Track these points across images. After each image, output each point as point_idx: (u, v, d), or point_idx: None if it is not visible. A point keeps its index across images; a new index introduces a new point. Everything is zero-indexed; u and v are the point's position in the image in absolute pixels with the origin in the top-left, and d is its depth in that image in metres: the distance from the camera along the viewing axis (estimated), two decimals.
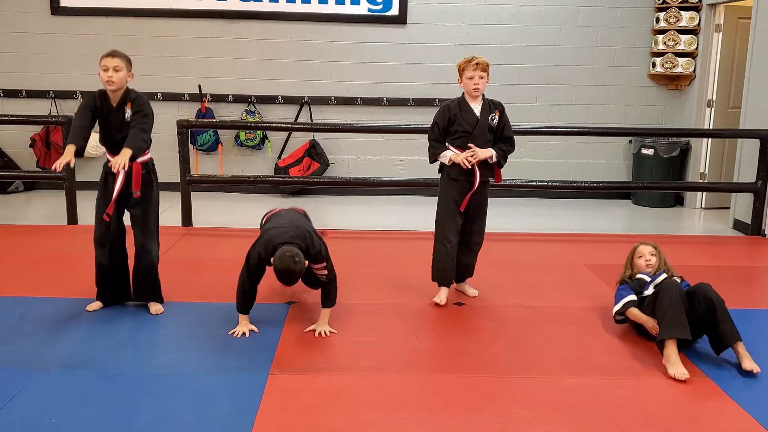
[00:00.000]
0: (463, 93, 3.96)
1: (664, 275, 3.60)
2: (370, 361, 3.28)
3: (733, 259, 5.24)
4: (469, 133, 3.88)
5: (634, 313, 3.51)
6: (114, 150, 3.69)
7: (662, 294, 3.33)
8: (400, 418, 2.76)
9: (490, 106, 3.95)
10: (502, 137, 3.99)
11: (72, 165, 3.56)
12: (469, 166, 3.85)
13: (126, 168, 3.55)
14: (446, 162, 3.93)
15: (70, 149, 3.56)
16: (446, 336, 3.65)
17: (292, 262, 3.26)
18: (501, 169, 4.05)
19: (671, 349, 3.17)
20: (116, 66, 3.71)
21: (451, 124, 3.92)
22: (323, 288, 3.64)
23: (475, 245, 4.11)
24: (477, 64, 3.84)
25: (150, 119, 3.72)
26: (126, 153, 3.53)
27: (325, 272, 3.56)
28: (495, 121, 3.92)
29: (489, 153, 3.89)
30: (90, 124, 3.71)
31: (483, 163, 3.90)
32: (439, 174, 4.09)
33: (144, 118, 3.68)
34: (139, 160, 3.71)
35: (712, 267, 4.93)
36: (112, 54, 3.76)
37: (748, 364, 3.16)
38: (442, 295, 4.06)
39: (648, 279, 3.63)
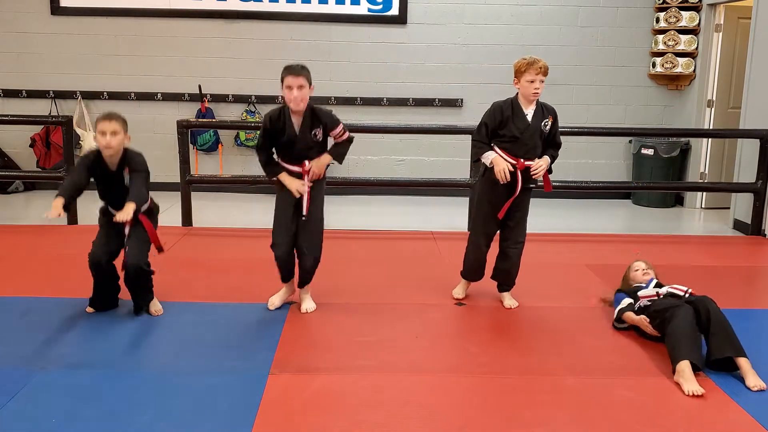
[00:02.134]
0: (517, 94, 3.82)
1: (654, 283, 3.73)
2: (370, 361, 3.28)
3: (733, 259, 5.24)
4: (517, 138, 3.77)
5: (629, 316, 3.59)
6: (114, 204, 3.69)
7: (675, 318, 3.28)
8: (401, 418, 2.76)
9: (543, 110, 3.82)
10: (553, 143, 3.91)
11: (60, 216, 3.48)
12: (506, 180, 3.73)
13: (131, 221, 3.52)
14: (488, 163, 3.82)
15: (59, 202, 3.48)
16: (446, 336, 3.65)
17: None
18: (550, 176, 3.98)
19: (685, 365, 3.09)
20: (114, 130, 3.60)
21: (501, 126, 3.80)
22: (338, 143, 3.85)
23: (510, 251, 3.97)
24: (540, 67, 3.69)
25: (147, 175, 3.70)
26: (130, 207, 3.49)
27: (345, 134, 3.82)
28: (548, 127, 3.82)
29: (546, 163, 3.82)
30: (85, 183, 3.67)
31: (526, 170, 3.80)
32: (481, 176, 3.98)
33: (141, 174, 3.66)
34: (143, 209, 3.72)
35: (712, 267, 4.93)
36: (109, 117, 3.64)
37: (752, 380, 3.07)
38: (460, 288, 4.15)
39: (643, 285, 3.74)
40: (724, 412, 2.87)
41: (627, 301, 3.68)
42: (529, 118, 3.78)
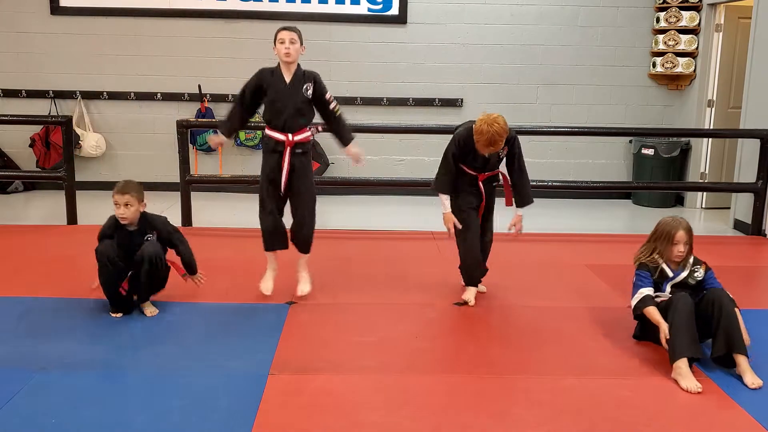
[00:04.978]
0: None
1: (685, 273, 3.44)
2: (370, 361, 3.28)
3: (733, 259, 5.24)
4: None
5: (652, 313, 3.32)
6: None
7: (672, 310, 3.23)
8: (400, 419, 2.76)
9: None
10: (518, 170, 3.95)
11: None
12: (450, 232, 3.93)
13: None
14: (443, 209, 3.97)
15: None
16: (446, 336, 3.65)
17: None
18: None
19: (682, 363, 3.09)
20: (126, 202, 3.69)
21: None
22: (339, 122, 4.04)
23: (485, 244, 4.08)
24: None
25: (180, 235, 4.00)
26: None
27: (335, 102, 3.97)
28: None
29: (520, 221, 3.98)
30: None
31: (487, 180, 3.95)
32: None
33: (184, 245, 3.97)
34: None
35: (712, 267, 4.91)
36: (122, 191, 3.70)
37: (750, 378, 3.08)
38: (470, 293, 4.05)
39: (670, 274, 3.44)
40: (724, 412, 2.87)
41: (648, 291, 3.40)
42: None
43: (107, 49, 7.15)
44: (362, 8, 7.19)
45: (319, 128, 4.11)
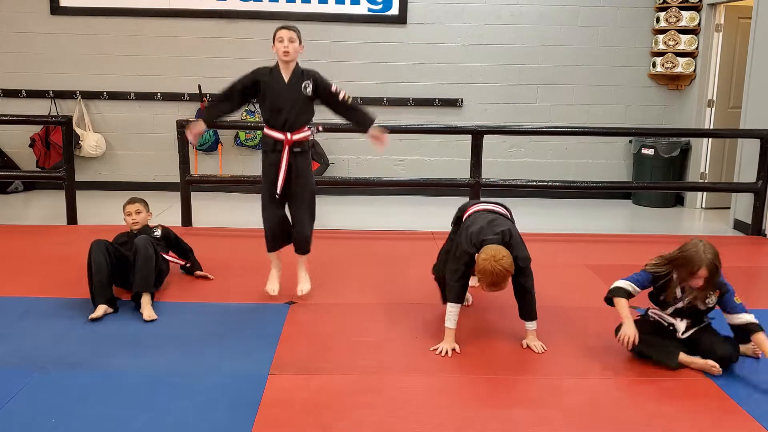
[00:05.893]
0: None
1: (690, 297, 3.23)
2: (370, 361, 3.28)
3: (733, 259, 5.22)
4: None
5: (619, 305, 3.23)
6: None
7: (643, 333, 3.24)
8: (400, 419, 2.76)
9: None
10: (521, 290, 3.44)
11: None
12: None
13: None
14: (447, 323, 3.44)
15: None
16: None
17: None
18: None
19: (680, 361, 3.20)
20: (137, 210, 4.16)
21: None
22: (353, 109, 4.00)
23: None
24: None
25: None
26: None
27: (343, 91, 3.89)
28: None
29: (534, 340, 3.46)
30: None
31: None
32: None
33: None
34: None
35: None
36: (132, 201, 4.19)
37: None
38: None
39: (679, 294, 3.25)
40: (725, 413, 2.87)
41: (628, 285, 3.26)
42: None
43: (107, 49, 7.15)
44: (362, 8, 7.19)
45: (320, 128, 4.09)
